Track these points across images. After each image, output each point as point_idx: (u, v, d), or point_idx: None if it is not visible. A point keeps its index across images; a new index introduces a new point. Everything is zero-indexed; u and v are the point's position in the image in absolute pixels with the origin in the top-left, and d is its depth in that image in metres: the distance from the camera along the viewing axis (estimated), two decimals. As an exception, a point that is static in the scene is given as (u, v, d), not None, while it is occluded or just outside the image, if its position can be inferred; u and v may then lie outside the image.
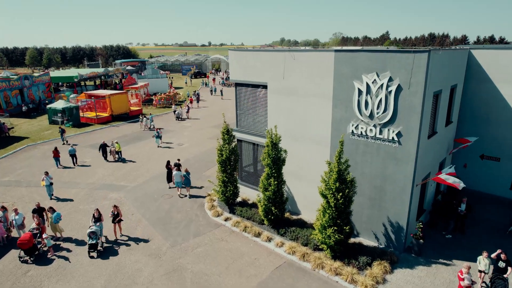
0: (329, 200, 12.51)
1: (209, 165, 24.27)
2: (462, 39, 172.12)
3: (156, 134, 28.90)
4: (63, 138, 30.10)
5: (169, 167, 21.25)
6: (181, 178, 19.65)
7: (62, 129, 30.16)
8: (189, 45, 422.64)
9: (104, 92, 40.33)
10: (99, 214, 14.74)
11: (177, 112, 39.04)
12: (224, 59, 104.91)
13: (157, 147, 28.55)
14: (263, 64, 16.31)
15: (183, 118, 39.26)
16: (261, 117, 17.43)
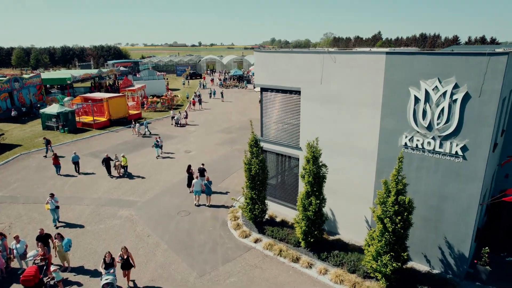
0: (386, 225, 10.92)
1: (224, 175, 22.49)
2: (454, 40, 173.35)
3: (155, 144, 26.14)
4: (48, 149, 26.84)
5: (191, 172, 19.86)
6: (202, 187, 18.18)
7: (47, 140, 27.00)
8: (179, 45, 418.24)
9: (101, 95, 38.07)
10: (111, 259, 11.64)
11: (176, 117, 36.64)
12: (218, 60, 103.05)
13: (156, 157, 26.06)
14: (297, 68, 14.63)
15: (182, 124, 36.70)
16: (291, 126, 15.74)
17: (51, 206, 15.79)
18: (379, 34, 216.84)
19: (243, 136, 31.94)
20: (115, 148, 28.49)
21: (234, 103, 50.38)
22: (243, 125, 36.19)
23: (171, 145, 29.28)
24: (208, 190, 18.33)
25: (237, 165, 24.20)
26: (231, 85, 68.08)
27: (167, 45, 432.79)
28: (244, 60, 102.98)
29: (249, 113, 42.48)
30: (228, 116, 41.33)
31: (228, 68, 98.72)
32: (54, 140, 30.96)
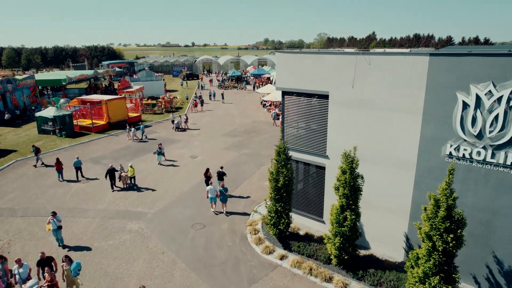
0: (436, 243, 9.85)
1: (236, 182, 21.28)
2: (447, 40, 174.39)
3: (157, 150, 24.36)
4: (38, 158, 24.56)
5: (209, 175, 19.26)
6: (216, 193, 17.39)
7: (36, 148, 24.52)
8: (172, 46, 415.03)
9: (100, 97, 36.53)
10: None
11: (176, 121, 34.73)
12: (214, 60, 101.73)
13: (157, 164, 24.43)
14: (325, 70, 13.52)
15: (182, 129, 34.84)
16: (317, 132, 14.61)
17: (53, 226, 14.05)
18: (373, 35, 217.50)
19: (249, 139, 30.78)
20: (116, 154, 27.11)
21: (235, 104, 49.16)
22: (248, 128, 35.02)
23: (175, 150, 27.97)
24: (223, 197, 17.44)
25: (248, 171, 23.03)
26: (230, 86, 66.82)
27: (160, 46, 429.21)
28: (240, 60, 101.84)
29: (252, 115, 41.33)
30: (231, 118, 40.10)
31: (225, 69, 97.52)
32: (51, 145, 29.46)
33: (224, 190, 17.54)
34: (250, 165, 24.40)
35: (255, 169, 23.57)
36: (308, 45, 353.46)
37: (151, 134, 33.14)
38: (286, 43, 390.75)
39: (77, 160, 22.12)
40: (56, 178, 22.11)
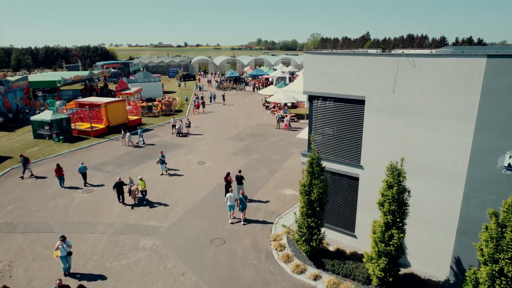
0: (504, 268, 8.79)
1: (251, 189, 20.00)
2: (441, 40, 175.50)
3: (160, 159, 22.60)
4: (26, 169, 22.31)
5: (228, 180, 18.49)
6: (236, 201, 16.57)
7: (25, 158, 22.21)
8: (165, 46, 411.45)
9: (98, 100, 34.94)
10: None
11: (177, 126, 32.78)
12: (210, 61, 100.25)
13: (160, 175, 22.54)
14: (360, 73, 12.40)
15: (183, 134, 32.97)
16: (349, 140, 13.48)
17: (62, 253, 12.42)
18: (367, 35, 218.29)
19: (256, 143, 29.58)
20: (119, 160, 25.67)
21: (237, 106, 47.90)
22: (254, 131, 33.81)
23: (181, 156, 26.63)
24: (243, 205, 16.53)
25: (262, 179, 21.83)
26: (229, 87, 65.50)
27: (152, 46, 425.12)
28: (237, 61, 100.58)
29: (255, 118, 40.14)
30: (234, 120, 38.84)
31: (221, 69, 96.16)
32: (48, 151, 27.86)
33: (244, 198, 16.65)
34: (262, 171, 23.19)
35: (268, 176, 22.38)
36: (301, 46, 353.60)
37: (153, 138, 31.72)
38: (279, 44, 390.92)
39: (82, 165, 21.10)
40: (56, 187, 20.74)
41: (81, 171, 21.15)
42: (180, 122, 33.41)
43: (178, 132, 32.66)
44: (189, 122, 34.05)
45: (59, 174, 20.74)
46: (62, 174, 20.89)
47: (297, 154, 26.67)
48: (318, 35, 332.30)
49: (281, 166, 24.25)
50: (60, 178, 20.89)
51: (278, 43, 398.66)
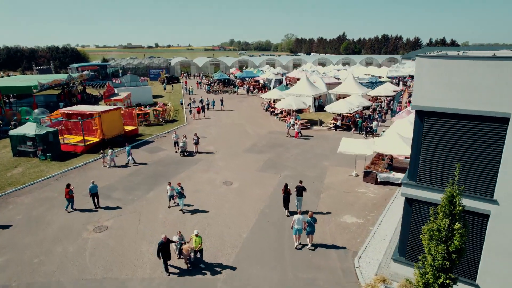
0: None
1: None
2: (415, 41, 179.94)
3: (178, 191, 17.42)
4: None
5: (288, 192, 17.08)
6: (304, 225, 14.17)
7: None
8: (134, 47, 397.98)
9: (90, 109, 30.15)
10: None
11: (182, 144, 26.62)
12: (193, 62, 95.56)
13: (180, 212, 17.55)
14: (504, 82, 9.40)
15: (189, 153, 27.10)
16: (478, 169, 10.45)
17: None
18: (343, 36, 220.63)
19: (279, 156, 26.22)
20: (127, 182, 21.48)
21: (237, 111, 44.24)
22: (269, 141, 30.39)
23: (199, 174, 22.78)
24: (311, 229, 14.22)
25: (309, 202, 18.50)
26: (220, 90, 61.55)
27: (122, 46, 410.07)
28: (221, 62, 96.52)
29: (263, 124, 36.75)
30: (242, 128, 35.23)
31: (204, 71, 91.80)
32: (35, 172, 23.11)
33: (312, 221, 14.18)
34: (304, 192, 19.85)
35: (315, 199, 19.13)
36: (275, 46, 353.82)
37: (158, 152, 27.53)
38: (253, 44, 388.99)
39: (93, 185, 18.22)
40: (59, 225, 16.39)
41: (92, 191, 18.23)
42: (184, 139, 27.28)
43: (182, 151, 26.75)
44: (197, 138, 27.47)
45: (69, 196, 17.82)
46: (71, 197, 17.98)
47: (332, 168, 23.63)
48: (292, 35, 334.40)
49: (322, 184, 21.05)
50: (70, 201, 17.97)
51: (252, 43, 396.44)
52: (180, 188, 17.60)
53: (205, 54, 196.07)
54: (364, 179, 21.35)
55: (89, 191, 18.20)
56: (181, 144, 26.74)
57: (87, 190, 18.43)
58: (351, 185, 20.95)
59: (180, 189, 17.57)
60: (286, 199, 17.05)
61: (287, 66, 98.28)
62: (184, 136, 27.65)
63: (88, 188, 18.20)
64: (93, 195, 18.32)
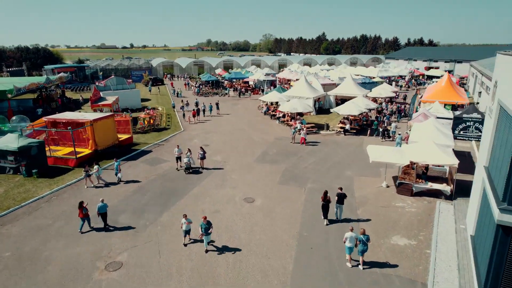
0: None
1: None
2: (394, 41, 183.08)
3: (204, 227, 13.91)
4: None
5: (328, 199, 16.09)
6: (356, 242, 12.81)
7: None
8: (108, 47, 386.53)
9: (79, 116, 26.76)
10: None
11: (186, 160, 22.74)
12: (176, 63, 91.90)
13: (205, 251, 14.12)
14: None
15: (195, 169, 23.47)
16: None
17: None
18: (323, 36, 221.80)
19: (297, 167, 24.07)
20: (134, 203, 18.66)
21: (234, 115, 41.73)
22: (280, 149, 28.19)
23: (214, 190, 20.24)
24: (364, 247, 12.78)
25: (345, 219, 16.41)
26: (209, 92, 58.67)
27: (95, 47, 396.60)
28: (205, 63, 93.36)
29: (266, 130, 34.51)
30: (245, 134, 32.83)
31: (188, 72, 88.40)
32: (20, 193, 19.86)
33: (365, 239, 12.67)
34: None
35: (353, 216, 17.07)
36: (254, 46, 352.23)
37: (160, 164, 24.69)
38: (231, 44, 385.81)
39: (102, 204, 16.02)
40: (59, 263, 13.45)
41: (101, 211, 16.04)
42: (189, 153, 23.33)
43: (187, 168, 22.84)
44: (203, 153, 23.48)
45: (84, 215, 15.75)
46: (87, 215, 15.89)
47: (358, 179, 21.74)
48: (270, 35, 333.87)
49: (354, 199, 19.05)
50: (85, 220, 15.96)
51: (230, 44, 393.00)
52: (206, 224, 13.96)
53: (183, 54, 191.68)
54: (397, 191, 19.53)
55: (98, 211, 15.84)
56: (185, 160, 22.89)
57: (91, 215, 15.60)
58: (386, 198, 19.08)
59: (206, 225, 13.95)
60: (326, 207, 16.00)
61: (273, 66, 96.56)
62: (188, 150, 23.67)
63: (97, 207, 15.80)
64: (102, 216, 16.00)
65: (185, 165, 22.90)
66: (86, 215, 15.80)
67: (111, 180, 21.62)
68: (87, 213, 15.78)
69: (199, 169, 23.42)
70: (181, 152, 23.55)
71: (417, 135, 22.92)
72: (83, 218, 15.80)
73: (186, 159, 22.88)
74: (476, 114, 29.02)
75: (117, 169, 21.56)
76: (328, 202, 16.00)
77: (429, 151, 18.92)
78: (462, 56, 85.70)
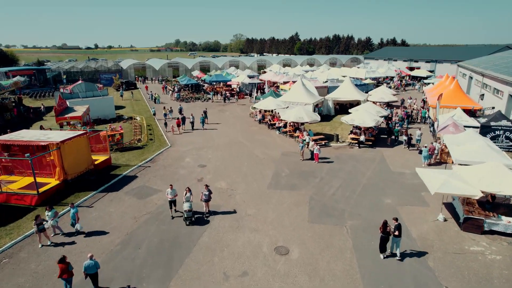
0: None
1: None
2: (367, 41, 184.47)
3: None
4: None
5: (388, 231, 13.47)
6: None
7: None
8: (71, 48, 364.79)
9: (41, 136, 20.75)
10: None
11: (187, 206, 16.07)
12: (148, 64, 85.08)
13: None
14: None
15: (199, 215, 17.00)
16: None
17: None
18: (296, 36, 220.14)
19: (320, 192, 19.80)
20: (125, 262, 13.51)
21: (224, 124, 36.80)
22: (292, 168, 23.73)
23: (230, 235, 15.41)
24: None
25: (417, 275, 12.20)
26: (190, 97, 53.12)
27: (56, 47, 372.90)
28: (180, 64, 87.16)
29: (267, 141, 29.98)
30: (245, 149, 28.07)
31: (162, 74, 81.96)
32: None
33: None
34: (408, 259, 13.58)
35: (422, 268, 12.91)
36: (224, 47, 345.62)
37: (151, 196, 19.45)
38: (201, 45, 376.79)
39: (91, 261, 11.71)
40: None
41: (90, 272, 11.76)
42: (188, 194, 16.58)
43: (187, 217, 16.15)
44: (208, 193, 17.01)
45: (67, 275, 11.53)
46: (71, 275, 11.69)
47: (403, 209, 17.73)
48: (241, 35, 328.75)
49: (414, 241, 14.93)
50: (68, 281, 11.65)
51: (200, 44, 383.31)
52: None
53: (152, 55, 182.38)
54: (463, 228, 15.63)
55: (84, 271, 11.68)
56: (185, 207, 16.05)
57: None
58: (453, 239, 15.10)
59: None
60: (385, 240, 13.81)
61: (252, 67, 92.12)
62: (187, 191, 16.76)
63: (83, 266, 11.50)
64: (91, 277, 11.73)
65: (186, 214, 16.10)
66: (71, 274, 11.43)
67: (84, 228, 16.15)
68: (72, 272, 11.45)
69: (204, 216, 17.15)
70: (175, 194, 16.88)
71: (462, 152, 19.32)
72: (66, 279, 11.39)
73: (187, 205, 16.09)
74: (505, 122, 26.13)
75: (74, 218, 15.61)
76: (389, 234, 13.68)
77: (501, 176, 15.18)
78: (443, 56, 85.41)
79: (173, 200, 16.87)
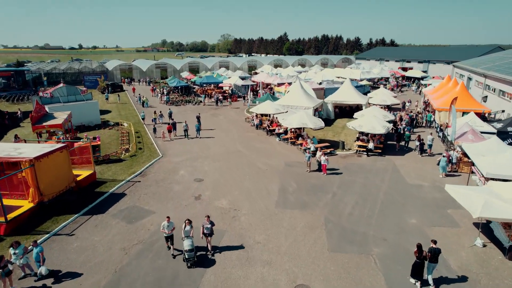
0: None
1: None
2: (356, 41, 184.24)
3: None
4: None
5: (424, 256, 11.98)
6: None
7: None
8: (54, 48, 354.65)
9: (11, 151, 17.84)
10: None
11: (189, 246, 13.09)
12: (135, 66, 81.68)
13: None
14: None
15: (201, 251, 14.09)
16: None
17: None
18: (285, 36, 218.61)
19: (336, 212, 17.56)
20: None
21: (219, 130, 34.29)
22: (300, 181, 21.45)
23: (239, 271, 12.99)
24: None
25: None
26: (180, 100, 50.34)
27: (38, 47, 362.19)
28: (168, 65, 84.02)
29: (267, 150, 27.65)
30: (245, 159, 25.66)
31: (149, 76, 78.76)
32: None
33: None
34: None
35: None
36: (212, 47, 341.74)
37: (143, 220, 16.85)
38: (188, 45, 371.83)
39: None
40: None
41: None
42: (188, 228, 13.65)
43: (189, 258, 13.13)
44: (210, 226, 13.90)
45: None
46: None
47: (431, 231, 15.63)
48: (228, 35, 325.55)
49: (452, 271, 12.82)
50: None
51: (187, 44, 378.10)
52: None
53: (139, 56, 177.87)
54: (509, 257, 13.59)
55: None
56: (186, 246, 13.12)
57: None
58: (500, 271, 13.02)
59: None
60: (421, 266, 12.28)
61: (242, 68, 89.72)
62: (186, 223, 13.71)
63: None
64: None
65: (187, 255, 13.11)
66: None
67: (55, 266, 13.45)
68: None
69: (207, 254, 14.06)
70: (173, 228, 13.90)
71: (491, 164, 17.40)
72: None
73: (188, 244, 13.08)
74: (523, 127, 24.43)
75: (38, 259, 12.62)
76: (425, 259, 12.27)
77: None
78: (435, 57, 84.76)
79: (169, 237, 13.89)
